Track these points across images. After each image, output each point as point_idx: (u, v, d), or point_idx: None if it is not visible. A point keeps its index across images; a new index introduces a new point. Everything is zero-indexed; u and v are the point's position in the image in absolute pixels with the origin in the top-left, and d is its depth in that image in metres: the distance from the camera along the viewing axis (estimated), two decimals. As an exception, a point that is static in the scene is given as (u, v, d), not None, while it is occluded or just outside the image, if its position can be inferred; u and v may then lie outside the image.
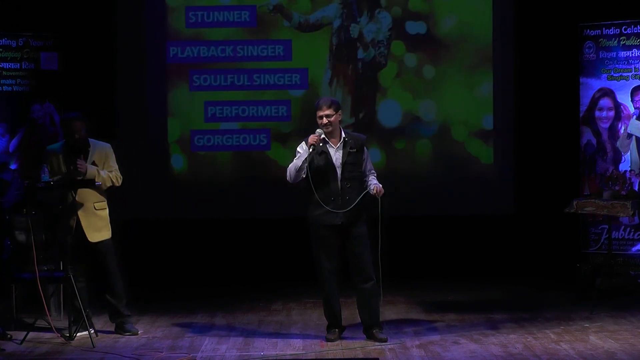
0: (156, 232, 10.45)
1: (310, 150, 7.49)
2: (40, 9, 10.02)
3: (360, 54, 10.62)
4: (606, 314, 8.48)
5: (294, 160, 7.58)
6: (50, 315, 8.15)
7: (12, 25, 9.65)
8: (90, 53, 10.24)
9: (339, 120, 7.63)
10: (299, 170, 7.52)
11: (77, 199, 7.88)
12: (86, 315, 7.80)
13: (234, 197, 10.61)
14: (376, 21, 10.59)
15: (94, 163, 7.96)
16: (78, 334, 7.82)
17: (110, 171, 8.00)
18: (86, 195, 7.92)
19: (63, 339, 7.79)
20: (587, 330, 7.93)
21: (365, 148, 7.71)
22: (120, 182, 8.06)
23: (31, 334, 7.86)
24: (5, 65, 9.44)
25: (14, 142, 9.45)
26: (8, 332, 7.98)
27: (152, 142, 10.60)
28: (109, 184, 7.98)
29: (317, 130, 7.56)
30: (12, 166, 9.38)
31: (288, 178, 7.61)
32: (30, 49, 9.57)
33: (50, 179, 7.75)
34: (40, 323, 8.03)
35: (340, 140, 7.62)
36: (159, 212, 10.47)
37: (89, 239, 7.92)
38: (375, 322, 7.72)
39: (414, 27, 10.62)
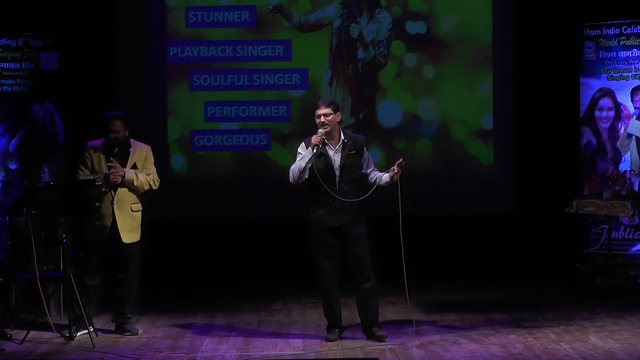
0: (156, 232, 10.41)
1: (314, 150, 7.49)
2: (40, 9, 10.01)
3: (360, 54, 10.62)
4: (606, 314, 8.48)
5: (296, 162, 7.57)
6: (50, 315, 8.15)
7: (12, 25, 9.65)
8: (90, 53, 10.24)
9: (338, 122, 7.63)
10: (302, 171, 7.52)
11: (115, 199, 7.89)
12: (86, 315, 7.80)
13: (234, 197, 10.61)
14: (376, 21, 10.59)
15: (134, 165, 7.96)
16: (78, 334, 7.82)
17: (149, 174, 8.02)
18: (125, 196, 7.93)
19: (63, 339, 7.78)
20: (587, 330, 7.92)
21: (365, 149, 7.70)
22: (157, 185, 8.09)
23: (31, 334, 7.86)
24: (5, 65, 9.44)
25: (14, 142, 9.44)
26: (8, 332, 7.98)
27: (152, 142, 10.57)
28: (146, 187, 8.01)
29: (319, 130, 7.55)
30: (12, 166, 9.38)
31: (291, 179, 7.60)
32: (30, 49, 9.56)
33: (89, 178, 7.74)
34: (40, 323, 8.02)
35: (339, 142, 7.61)
36: (158, 212, 10.43)
37: (123, 240, 7.93)
38: (375, 322, 7.72)
39: (414, 27, 10.62)
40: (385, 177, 7.61)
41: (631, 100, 9.50)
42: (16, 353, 7.51)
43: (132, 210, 7.99)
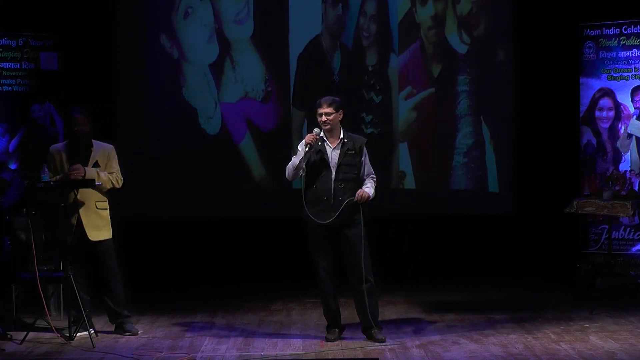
0: (156, 231, 10.45)
1: (307, 149, 7.48)
2: (40, 9, 10.01)
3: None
4: (606, 314, 8.48)
5: (293, 158, 7.57)
6: (50, 315, 8.15)
7: (12, 25, 9.65)
8: (90, 53, 10.23)
9: (339, 120, 7.62)
10: (296, 168, 7.51)
11: (78, 197, 7.88)
12: (86, 315, 7.80)
13: (234, 197, 10.61)
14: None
15: (96, 163, 7.96)
16: (78, 334, 7.82)
17: (112, 173, 8.01)
18: (88, 194, 7.91)
19: (63, 339, 7.78)
20: (587, 330, 7.92)
21: (364, 150, 7.68)
22: (120, 184, 8.07)
23: (31, 334, 7.86)
24: (5, 65, 9.45)
25: (14, 142, 9.45)
26: (8, 332, 7.98)
27: (152, 142, 10.59)
28: (109, 186, 7.98)
29: (315, 129, 7.55)
30: (12, 166, 9.38)
31: (287, 176, 7.60)
32: (30, 49, 9.57)
33: (50, 179, 7.75)
34: (40, 323, 8.03)
35: (338, 140, 7.60)
36: (158, 212, 10.47)
37: (89, 238, 7.91)
38: (374, 323, 7.70)
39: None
40: (356, 196, 7.51)
41: (631, 100, 9.50)
42: (16, 353, 7.51)
43: (97, 208, 7.97)
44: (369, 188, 7.56)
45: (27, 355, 7.45)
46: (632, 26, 9.49)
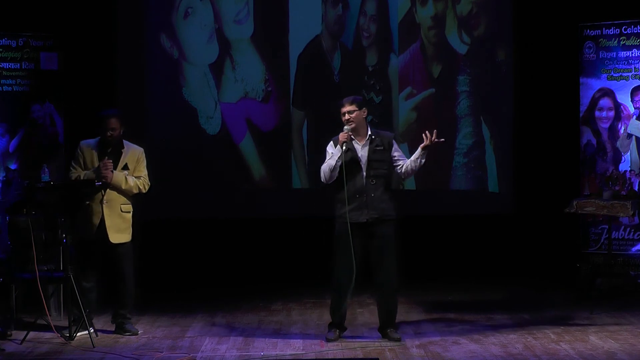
0: (155, 232, 10.43)
1: (343, 148, 7.49)
2: (40, 9, 10.01)
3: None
4: (606, 314, 8.48)
5: (327, 161, 7.57)
6: (50, 315, 8.15)
7: (12, 25, 9.65)
8: (90, 53, 10.23)
9: (364, 117, 7.64)
10: (333, 169, 7.52)
11: (105, 198, 7.89)
12: (86, 315, 7.80)
13: (234, 197, 10.61)
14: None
15: (125, 166, 7.97)
16: (78, 334, 7.82)
17: (139, 177, 8.02)
18: (114, 196, 7.93)
19: (63, 339, 7.79)
20: (587, 330, 7.93)
21: (394, 143, 7.71)
22: (147, 188, 8.09)
23: (31, 334, 7.86)
24: (5, 65, 9.44)
25: (14, 142, 9.45)
26: (8, 332, 7.98)
27: (152, 142, 10.58)
28: (135, 190, 8.01)
29: (345, 127, 7.56)
30: (12, 166, 9.38)
31: (322, 179, 7.60)
32: (30, 49, 9.57)
33: (72, 175, 7.74)
34: (40, 323, 8.02)
35: (366, 137, 7.63)
36: (158, 212, 10.46)
37: (110, 240, 7.92)
38: (391, 323, 7.72)
39: (414, 27, 10.65)
40: (416, 153, 7.62)
41: (631, 100, 9.51)
42: (16, 353, 7.51)
43: (121, 211, 7.99)
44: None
45: (27, 355, 7.45)
46: (632, 26, 9.49)
